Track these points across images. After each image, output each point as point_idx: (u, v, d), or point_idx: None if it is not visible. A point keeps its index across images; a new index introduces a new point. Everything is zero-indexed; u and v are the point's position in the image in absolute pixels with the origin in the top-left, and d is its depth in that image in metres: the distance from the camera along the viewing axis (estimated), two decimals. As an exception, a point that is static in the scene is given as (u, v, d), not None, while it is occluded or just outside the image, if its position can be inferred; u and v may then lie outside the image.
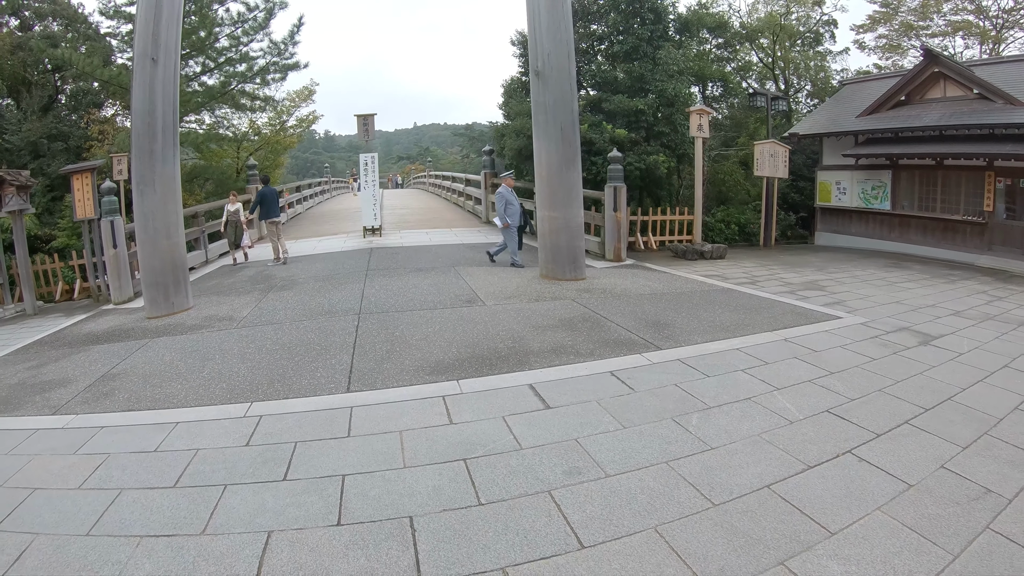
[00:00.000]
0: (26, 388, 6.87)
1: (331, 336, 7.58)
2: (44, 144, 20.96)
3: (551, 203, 10.92)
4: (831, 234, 18.97)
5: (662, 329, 7.49)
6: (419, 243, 15.85)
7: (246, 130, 26.72)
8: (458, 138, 71.51)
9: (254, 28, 21.65)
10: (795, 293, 10.15)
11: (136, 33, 10.31)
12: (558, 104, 10.61)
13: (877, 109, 17.46)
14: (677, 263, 13.79)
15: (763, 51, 27.34)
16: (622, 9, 18.21)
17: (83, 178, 13.57)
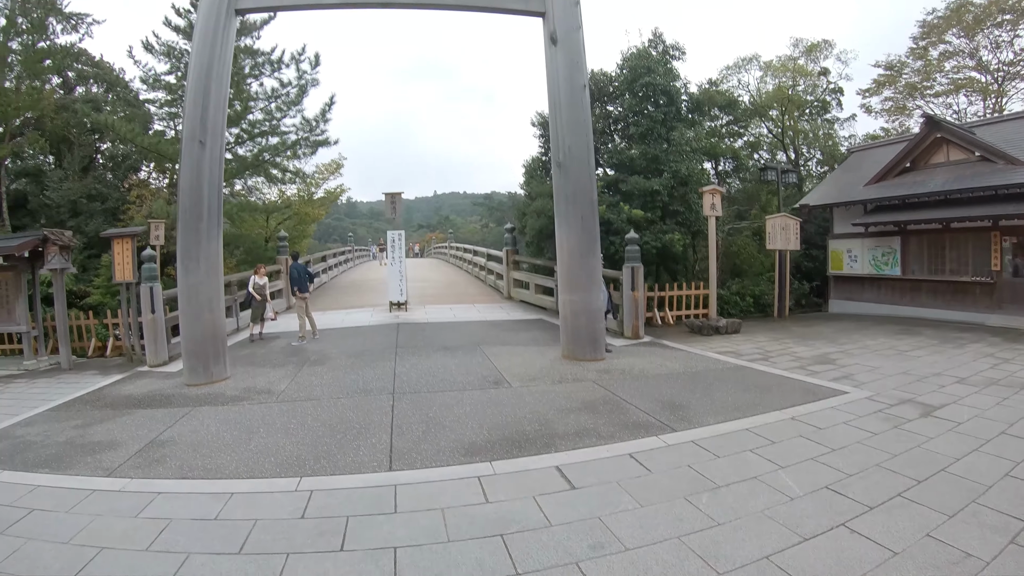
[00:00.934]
0: (76, 448, 7.24)
1: (369, 415, 7.95)
2: (83, 203, 21.66)
3: (572, 287, 11.45)
4: (844, 301, 19.31)
5: (677, 411, 7.82)
6: (444, 319, 16.26)
7: (276, 200, 27.63)
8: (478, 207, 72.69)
9: (287, 104, 22.72)
10: (805, 368, 10.41)
11: (185, 117, 11.14)
12: (578, 194, 11.29)
13: (884, 177, 18.00)
14: (693, 339, 14.07)
15: (772, 122, 28.14)
16: (636, 93, 18.99)
17: (124, 243, 14.15)
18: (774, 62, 28.51)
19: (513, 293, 20.12)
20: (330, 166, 29.89)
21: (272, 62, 22.64)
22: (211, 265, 10.70)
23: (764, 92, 28.16)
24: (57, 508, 5.54)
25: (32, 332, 14.69)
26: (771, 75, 28.38)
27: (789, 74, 27.76)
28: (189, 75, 11.18)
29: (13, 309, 14.61)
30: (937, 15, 26.51)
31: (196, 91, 10.74)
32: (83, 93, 26.22)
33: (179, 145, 11.62)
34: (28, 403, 10.05)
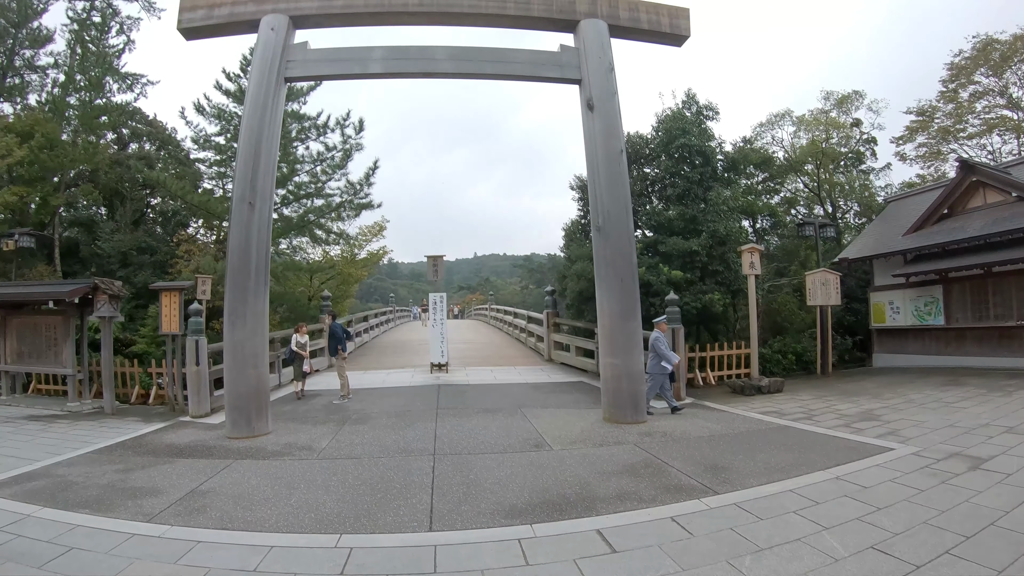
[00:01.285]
0: (117, 491, 7.39)
1: (410, 475, 7.96)
2: (133, 255, 22.29)
3: (612, 350, 11.44)
4: (888, 355, 18.96)
5: (719, 473, 7.71)
6: (485, 381, 16.28)
7: (320, 260, 28.34)
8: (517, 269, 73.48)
9: (332, 167, 23.37)
10: (850, 426, 10.22)
11: (235, 179, 11.57)
12: (617, 258, 11.40)
13: (922, 225, 17.85)
14: (735, 399, 13.91)
15: (808, 176, 28.14)
16: (672, 154, 19.22)
17: (171, 296, 14.46)
18: (806, 116, 28.60)
19: (554, 355, 20.16)
20: (373, 228, 30.73)
21: (318, 126, 23.37)
22: (257, 322, 10.96)
23: (798, 147, 28.22)
24: (96, 548, 5.66)
25: (77, 375, 15.09)
26: (804, 129, 28.43)
27: (822, 127, 27.76)
28: (240, 140, 11.71)
29: (60, 352, 15.10)
30: (964, 56, 26.48)
31: (246, 155, 11.23)
32: (136, 150, 27.37)
33: (228, 204, 12.06)
34: (71, 444, 10.30)
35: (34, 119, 21.74)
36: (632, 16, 12.40)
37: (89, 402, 14.98)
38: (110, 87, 25.15)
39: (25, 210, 22.45)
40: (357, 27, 12.96)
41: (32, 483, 7.92)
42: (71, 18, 24.86)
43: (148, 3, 26.68)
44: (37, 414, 13.64)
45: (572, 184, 21.58)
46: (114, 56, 25.00)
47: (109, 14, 25.70)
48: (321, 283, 28.30)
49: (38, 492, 7.48)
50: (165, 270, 21.58)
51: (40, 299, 15.45)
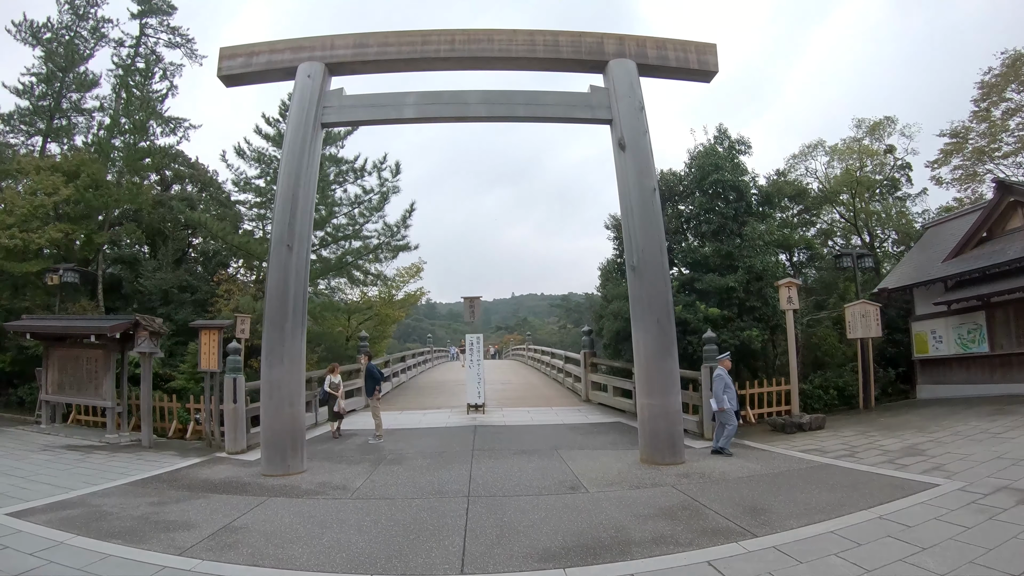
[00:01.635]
0: (150, 523, 7.52)
1: (443, 517, 7.93)
2: (174, 292, 22.65)
3: (649, 390, 11.35)
4: (932, 386, 18.36)
5: (758, 515, 7.56)
6: (521, 422, 16.29)
7: (358, 301, 28.56)
8: (555, 309, 74.10)
9: (370, 209, 23.61)
10: (893, 462, 9.97)
11: (274, 222, 11.86)
12: (653, 297, 11.37)
13: (961, 250, 17.44)
14: (775, 437, 13.67)
15: (843, 207, 27.56)
16: (706, 190, 19.18)
17: (211, 334, 14.73)
18: (839, 145, 28.19)
19: (591, 395, 20.07)
20: (410, 269, 30.75)
21: (355, 170, 23.78)
22: (294, 362, 11.14)
23: (832, 177, 27.76)
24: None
25: (117, 408, 15.50)
26: (837, 159, 28.05)
27: (855, 156, 27.36)
28: (278, 184, 12.05)
29: (101, 384, 15.56)
30: (994, 73, 25.89)
31: (284, 199, 11.54)
32: (179, 191, 28.15)
33: (267, 245, 12.32)
34: (107, 475, 10.51)
35: (80, 159, 22.44)
36: (660, 54, 12.52)
37: (127, 434, 15.34)
38: (153, 130, 25.91)
39: (71, 246, 23.14)
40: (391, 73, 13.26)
41: (67, 511, 8.11)
42: (116, 64, 25.95)
43: (190, 51, 27.79)
44: (76, 444, 13.98)
45: (607, 223, 21.60)
46: (157, 101, 25.84)
47: (153, 60, 26.76)
48: (359, 323, 28.54)
49: (73, 520, 7.65)
50: (205, 308, 21.92)
51: (82, 333, 15.82)
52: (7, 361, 20.32)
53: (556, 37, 12.42)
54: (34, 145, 26.46)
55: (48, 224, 20.75)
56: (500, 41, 12.30)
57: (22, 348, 19.38)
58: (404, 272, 30.34)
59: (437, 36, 12.28)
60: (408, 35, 12.34)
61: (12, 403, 20.36)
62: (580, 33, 12.52)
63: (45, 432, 15.49)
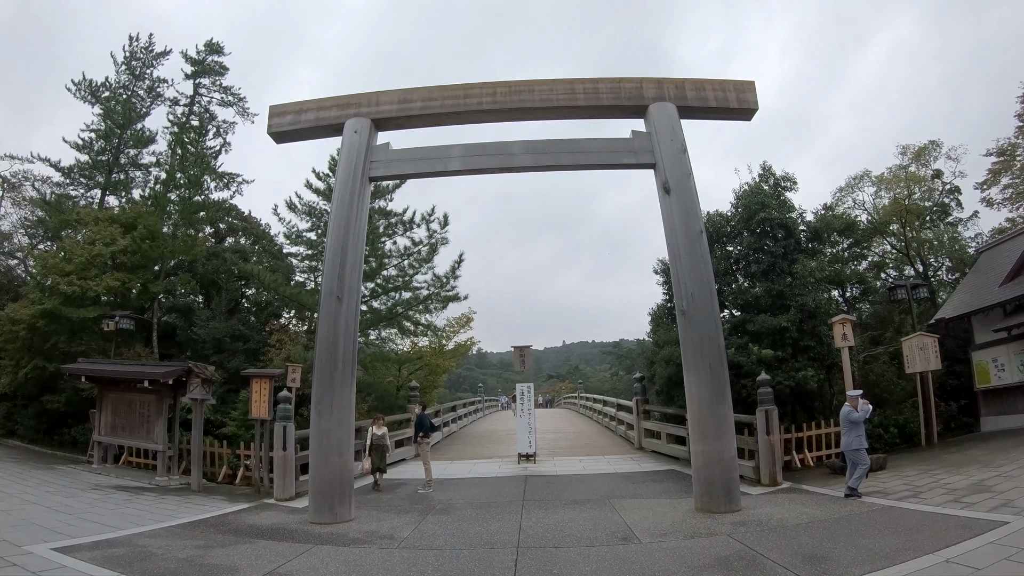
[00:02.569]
0: (194, 566, 7.58)
1: (491, 569, 7.83)
2: (227, 341, 23.05)
3: (703, 436, 11.17)
4: (997, 417, 17.55)
5: (819, 563, 7.29)
6: (573, 472, 16.14)
7: (408, 351, 28.83)
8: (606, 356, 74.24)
9: (419, 261, 23.83)
10: (959, 501, 9.57)
11: (324, 274, 12.12)
12: (704, 341, 11.23)
13: (1018, 273, 16.89)
14: (835, 481, 13.15)
15: (895, 237, 26.98)
16: (754, 229, 18.96)
17: (262, 382, 14.99)
18: (885, 174, 27.63)
19: (644, 443, 19.82)
20: (460, 320, 31.00)
21: (404, 222, 23.91)
22: (343, 412, 11.28)
23: (880, 207, 27.29)
24: None
25: (168, 452, 15.84)
26: (884, 188, 27.53)
27: (902, 184, 26.77)
28: (328, 236, 12.32)
29: (152, 428, 15.96)
30: None
31: (334, 251, 11.79)
32: (232, 243, 28.96)
33: (318, 297, 12.56)
34: (155, 516, 10.67)
35: (137, 212, 23.31)
36: (699, 95, 12.58)
37: (177, 478, 15.61)
38: (208, 185, 26.77)
39: (127, 294, 23.69)
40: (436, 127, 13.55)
41: (112, 550, 8.21)
42: (171, 121, 27.21)
43: (242, 109, 28.91)
44: (126, 485, 14.26)
45: (656, 268, 21.34)
46: (211, 156, 26.87)
47: (206, 118, 27.97)
48: (409, 373, 28.66)
49: (118, 559, 7.73)
50: (257, 357, 22.22)
51: (137, 378, 16.21)
52: (62, 401, 20.92)
53: (596, 84, 12.60)
54: (93, 198, 27.74)
55: (105, 273, 21.47)
56: (541, 91, 12.53)
57: (77, 390, 19.95)
58: (454, 322, 30.64)
59: (479, 89, 12.58)
60: (451, 89, 12.65)
61: (66, 442, 20.87)
62: (619, 79, 12.67)
63: (96, 472, 15.88)
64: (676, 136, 12.16)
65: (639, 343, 26.01)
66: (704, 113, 12.82)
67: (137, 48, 27.88)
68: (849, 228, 24.04)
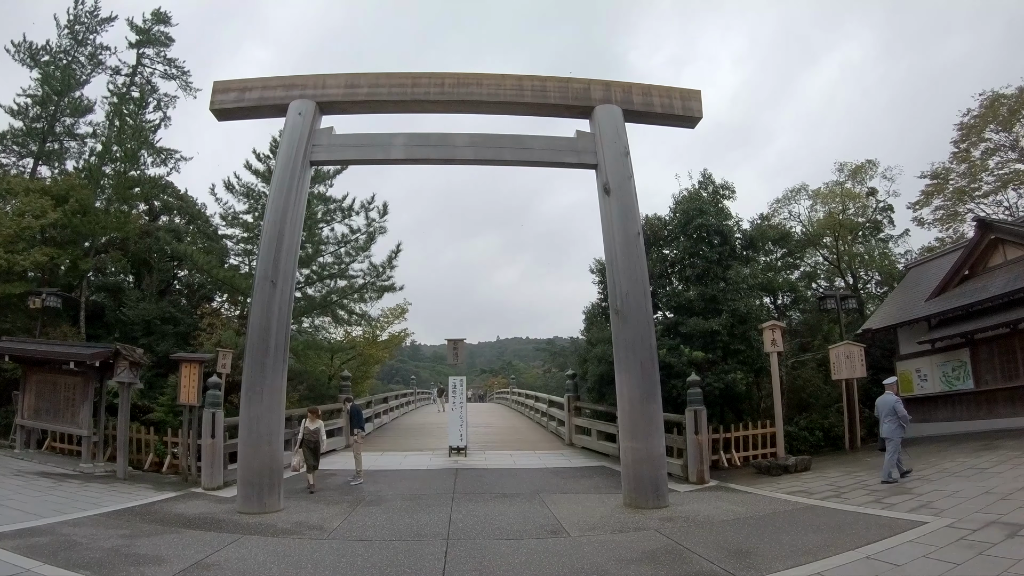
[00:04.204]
0: (120, 556, 7.38)
1: (421, 560, 7.83)
2: (156, 324, 22.35)
3: (633, 434, 11.32)
4: (919, 424, 17.78)
5: (744, 558, 7.49)
6: (503, 466, 16.18)
7: (341, 340, 28.38)
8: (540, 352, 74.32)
9: (356, 249, 23.56)
10: (880, 501, 9.98)
11: (259, 259, 11.84)
12: (637, 340, 11.38)
13: (944, 289, 17.64)
14: (761, 480, 13.66)
15: (827, 249, 27.96)
16: (691, 234, 19.15)
17: (191, 367, 14.67)
18: (822, 189, 28.59)
19: (575, 439, 20.00)
20: (395, 310, 30.62)
21: (343, 209, 23.68)
22: (274, 399, 11.06)
23: (815, 220, 28.19)
24: None
25: (93, 437, 15.21)
26: (820, 202, 28.43)
27: (838, 199, 27.71)
28: (265, 219, 12.07)
29: (77, 413, 15.30)
30: (972, 114, 26.34)
31: (271, 235, 11.55)
32: (166, 222, 27.88)
33: (252, 281, 12.31)
34: (79, 504, 10.33)
35: (70, 184, 22.33)
36: (645, 100, 12.76)
37: (102, 465, 15.03)
38: (144, 160, 25.94)
39: (55, 271, 22.88)
40: (381, 114, 13.39)
41: (36, 539, 7.96)
42: (111, 91, 25.97)
43: (186, 83, 27.85)
44: (49, 471, 13.71)
45: (592, 267, 21.47)
46: (150, 130, 25.93)
47: (148, 90, 26.87)
48: (342, 363, 28.26)
49: (40, 548, 7.50)
50: (187, 341, 21.69)
51: (62, 359, 15.60)
52: (-17, 382, 19.95)
53: (544, 82, 12.67)
54: (25, 167, 26.26)
55: (34, 247, 20.51)
56: (489, 85, 12.51)
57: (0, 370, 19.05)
58: (389, 313, 30.32)
59: (427, 79, 12.48)
60: (399, 77, 12.53)
61: (-13, 426, 19.93)
62: (567, 79, 12.76)
63: (19, 457, 15.15)
64: (620, 139, 12.31)
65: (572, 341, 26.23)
66: (649, 118, 13.01)
67: (82, 11, 26.40)
68: (784, 238, 24.71)
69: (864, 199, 27.89)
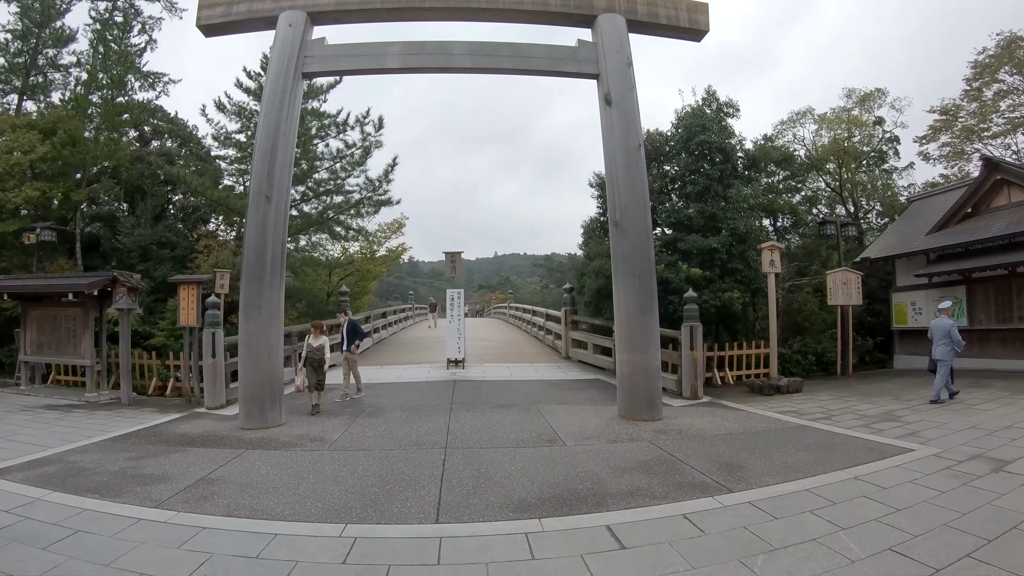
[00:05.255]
0: (127, 477, 7.50)
1: (419, 468, 7.94)
2: (153, 249, 22.30)
3: (629, 347, 11.36)
4: (910, 356, 18.50)
5: (735, 471, 7.60)
6: (501, 378, 16.26)
7: (339, 256, 28.49)
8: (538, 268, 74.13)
9: (351, 164, 23.37)
10: (869, 426, 10.06)
11: (253, 174, 11.65)
12: (635, 253, 11.29)
13: (945, 224, 17.58)
14: (753, 399, 13.73)
15: (830, 175, 27.72)
16: (692, 151, 19.01)
17: (189, 289, 14.64)
18: (828, 115, 28.16)
19: (571, 353, 20.12)
20: (392, 225, 30.65)
21: (338, 124, 23.33)
22: (272, 314, 11.03)
23: (820, 145, 27.82)
24: (101, 532, 5.75)
25: (96, 367, 15.27)
26: (826, 128, 28.01)
27: (844, 126, 27.34)
28: (258, 134, 11.79)
29: (79, 343, 15.32)
30: (988, 54, 25.75)
31: (264, 149, 11.30)
32: (158, 147, 27.46)
33: (246, 200, 12.13)
34: (85, 432, 10.43)
35: (57, 116, 21.85)
36: (650, 11, 12.31)
37: (107, 393, 15.12)
38: (132, 85, 25.35)
39: (48, 205, 22.62)
40: (375, 23, 12.95)
41: (44, 468, 8.05)
42: (93, 18, 25.05)
43: (169, 3, 26.82)
44: (55, 404, 13.78)
45: (592, 181, 21.35)
46: (136, 55, 25.16)
47: (131, 14, 25.84)
48: (340, 279, 28.37)
49: (49, 477, 7.60)
50: (185, 265, 21.65)
51: (60, 291, 15.48)
52: (-16, 324, 19.97)
53: (545, -12, 12.15)
54: (10, 103, 25.56)
55: (25, 183, 20.28)
56: (488, -10, 12.04)
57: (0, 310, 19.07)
58: (386, 227, 30.37)
59: (423, -16, 11.99)
60: (394, -18, 12.03)
61: (-9, 366, 20.09)
62: (570, -15, 12.24)
63: (25, 393, 15.24)
64: (623, 49, 11.91)
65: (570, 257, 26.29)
66: (653, 29, 12.52)
67: (60, -63, 25.59)
68: (787, 160, 24.46)
69: (871, 128, 27.48)
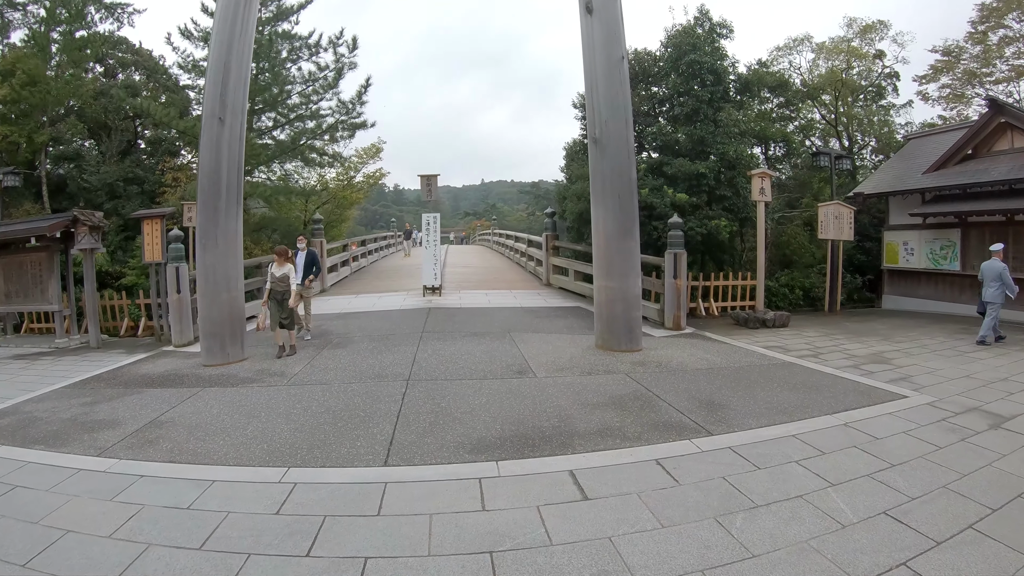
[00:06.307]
0: (76, 425, 7.18)
1: (377, 403, 7.55)
2: (120, 186, 21.78)
3: (608, 272, 10.82)
4: (899, 297, 18.31)
5: (716, 411, 7.13)
6: (477, 305, 15.79)
7: (314, 184, 27.84)
8: (524, 195, 73.61)
9: (324, 87, 22.72)
10: (859, 368, 9.61)
11: (205, 95, 10.94)
12: (615, 172, 10.59)
13: (943, 165, 16.94)
14: (738, 332, 13.33)
15: (825, 107, 26.88)
16: (682, 71, 18.16)
17: (153, 223, 14.08)
18: (827, 43, 27.09)
19: (552, 280, 19.57)
20: (369, 150, 30.30)
21: (309, 46, 22.58)
22: (229, 244, 10.50)
23: (816, 75, 26.84)
24: (39, 486, 5.46)
25: (64, 311, 14.82)
26: (824, 57, 27.03)
27: (843, 56, 26.35)
28: (210, 52, 11.02)
29: (46, 288, 14.75)
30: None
31: (216, 68, 10.51)
32: (123, 80, 26.49)
33: (199, 123, 11.37)
34: (48, 380, 10.07)
35: (16, 56, 21.03)
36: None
37: (77, 338, 14.72)
38: (92, 17, 24.28)
39: (12, 150, 21.90)
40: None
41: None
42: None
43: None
44: (24, 353, 13.38)
45: (575, 102, 20.54)
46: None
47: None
48: (316, 207, 27.82)
49: (1, 430, 7.24)
50: (155, 199, 21.18)
51: (22, 236, 14.90)
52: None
53: None
54: (-31, 49, 24.59)
55: (-16, 129, 19.51)
56: None
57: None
58: (363, 153, 30.10)
59: None
60: None
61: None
62: None
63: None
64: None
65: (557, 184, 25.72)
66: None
67: None
68: (781, 86, 23.68)
69: (870, 61, 26.46)
